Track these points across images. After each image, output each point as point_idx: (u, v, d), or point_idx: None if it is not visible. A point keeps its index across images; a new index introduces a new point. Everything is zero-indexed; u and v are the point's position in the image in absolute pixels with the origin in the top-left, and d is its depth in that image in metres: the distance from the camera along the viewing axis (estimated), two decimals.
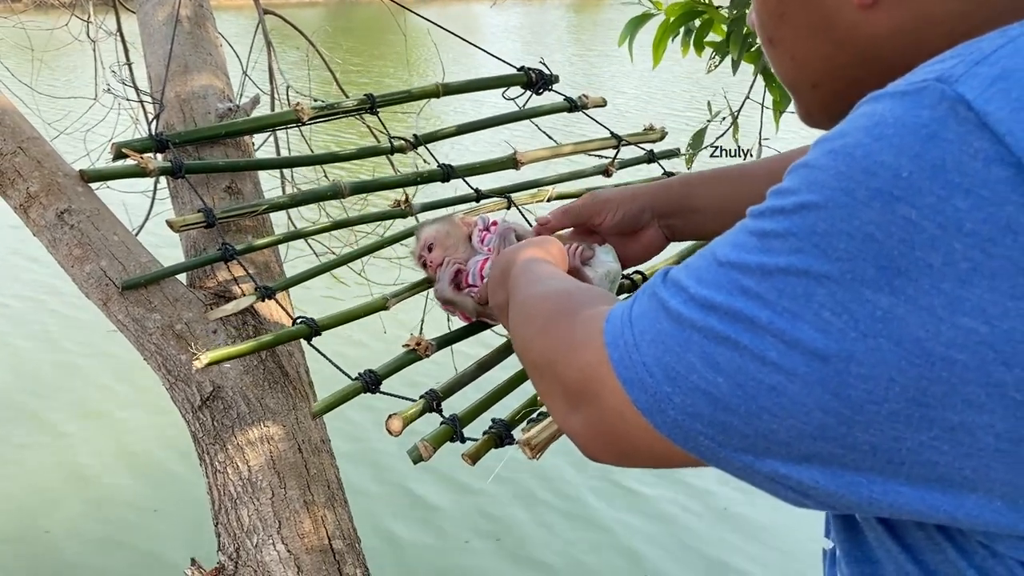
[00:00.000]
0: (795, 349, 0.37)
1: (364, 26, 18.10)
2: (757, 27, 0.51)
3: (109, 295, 1.14)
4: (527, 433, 0.82)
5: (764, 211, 0.40)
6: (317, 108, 1.38)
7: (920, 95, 0.35)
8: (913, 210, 0.34)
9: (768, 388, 0.38)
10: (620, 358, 0.44)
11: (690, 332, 0.40)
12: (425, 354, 1.02)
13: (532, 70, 1.52)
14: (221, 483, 1.09)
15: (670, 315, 0.42)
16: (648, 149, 1.53)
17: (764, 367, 0.38)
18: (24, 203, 1.18)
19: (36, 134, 1.23)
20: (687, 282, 0.42)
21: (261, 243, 1.26)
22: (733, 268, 0.40)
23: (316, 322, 1.05)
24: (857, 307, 0.35)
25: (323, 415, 0.99)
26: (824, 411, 0.37)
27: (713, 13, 2.05)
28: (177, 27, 1.49)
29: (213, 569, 1.07)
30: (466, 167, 1.38)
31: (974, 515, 0.36)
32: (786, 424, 0.38)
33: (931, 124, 0.34)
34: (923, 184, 0.34)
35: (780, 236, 0.38)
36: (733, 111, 2.32)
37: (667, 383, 0.41)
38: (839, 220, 0.36)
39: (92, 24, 3.30)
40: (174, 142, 1.28)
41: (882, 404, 0.36)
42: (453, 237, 1.09)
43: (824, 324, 0.36)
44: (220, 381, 1.13)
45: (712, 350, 0.39)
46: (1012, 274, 0.33)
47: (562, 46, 15.69)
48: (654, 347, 0.42)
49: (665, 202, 0.93)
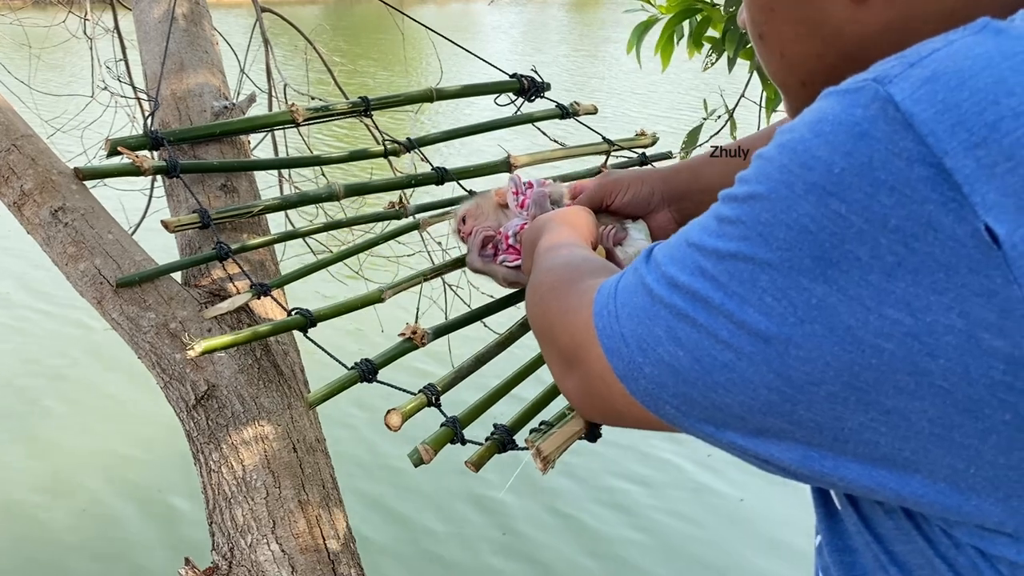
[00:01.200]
0: (742, 329, 0.39)
1: (362, 24, 18.08)
2: (748, 23, 0.51)
3: (103, 293, 1.14)
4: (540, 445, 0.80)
5: (725, 197, 0.42)
6: (312, 109, 1.38)
7: (857, 94, 0.37)
8: (843, 204, 0.35)
9: (721, 365, 0.40)
10: (603, 327, 0.48)
11: (659, 307, 0.43)
12: (421, 343, 1.02)
13: (525, 77, 1.54)
14: (215, 482, 1.09)
15: (646, 290, 0.45)
16: (640, 153, 1.55)
17: (717, 344, 0.40)
18: (18, 201, 1.18)
19: (30, 131, 1.23)
20: (661, 259, 0.45)
21: (256, 242, 1.26)
22: (696, 250, 0.42)
23: (312, 313, 1.05)
24: (795, 294, 0.37)
25: (318, 405, 0.98)
26: (769, 389, 0.39)
27: (710, 10, 2.05)
28: (173, 24, 1.49)
29: (207, 569, 1.07)
30: (460, 170, 1.39)
31: (919, 495, 0.38)
32: (738, 399, 0.40)
33: (863, 123, 0.36)
34: (852, 180, 0.35)
35: (732, 223, 0.40)
36: (729, 109, 2.32)
37: (639, 353, 0.45)
38: (779, 211, 0.37)
39: (89, 21, 3.29)
40: (169, 140, 1.28)
41: (820, 386, 0.37)
42: (483, 208, 1.10)
43: (767, 308, 0.38)
44: (215, 380, 1.13)
45: (675, 325, 0.42)
46: (933, 269, 0.34)
47: (561, 46, 15.69)
48: (631, 320, 0.46)
49: (674, 187, 0.95)
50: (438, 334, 1.06)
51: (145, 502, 3.42)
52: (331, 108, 1.43)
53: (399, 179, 1.44)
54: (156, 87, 1.42)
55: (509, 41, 16.14)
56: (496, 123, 1.53)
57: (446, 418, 0.91)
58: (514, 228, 1.04)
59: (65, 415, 4.00)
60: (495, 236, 1.05)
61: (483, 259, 1.05)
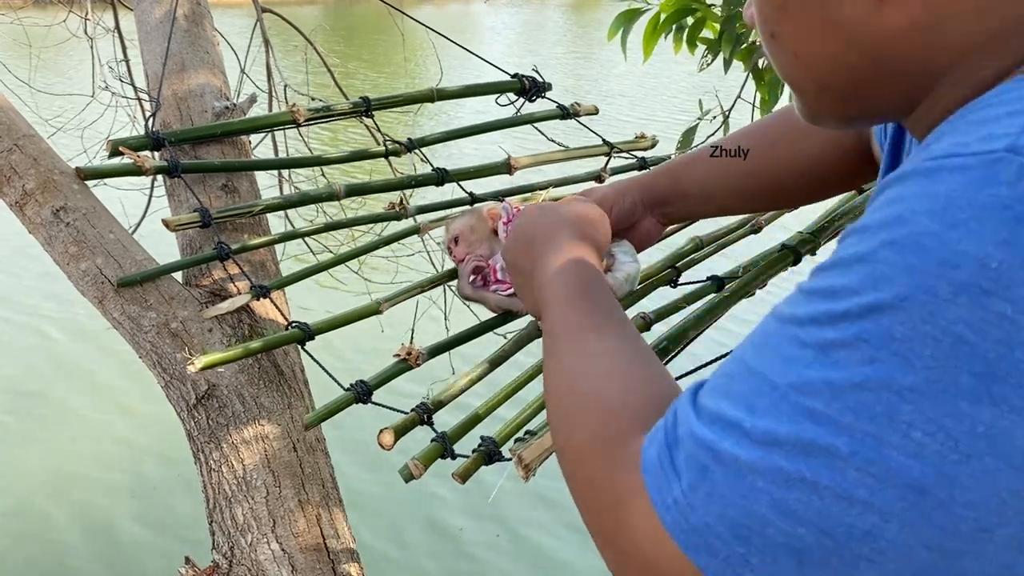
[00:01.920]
0: (886, 482, 0.31)
1: (362, 24, 18.09)
2: (757, 20, 0.46)
3: (104, 293, 1.14)
4: (520, 453, 0.81)
5: (817, 316, 0.35)
6: (313, 110, 1.39)
7: (993, 169, 0.31)
8: (1008, 304, 0.30)
9: (863, 534, 0.32)
10: (676, 522, 0.37)
11: (753, 478, 0.34)
12: (416, 363, 1.03)
13: (526, 77, 1.54)
14: (216, 481, 1.10)
15: (723, 460, 0.35)
16: (639, 156, 1.56)
17: (853, 508, 0.32)
18: (20, 200, 1.18)
19: (32, 131, 1.23)
20: (735, 413, 0.36)
21: (256, 243, 1.26)
22: (793, 389, 0.34)
23: (310, 327, 1.06)
24: (953, 423, 0.30)
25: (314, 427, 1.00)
26: (930, 549, 0.32)
27: (706, 11, 2.06)
28: (174, 25, 1.49)
29: (207, 568, 1.07)
30: (460, 171, 1.40)
31: None
32: (887, 569, 0.32)
33: (1015, 204, 0.30)
34: (1017, 274, 0.30)
35: (848, 345, 0.33)
36: (724, 110, 2.33)
37: (739, 543, 0.35)
38: (920, 322, 0.31)
39: (90, 21, 3.29)
40: (170, 140, 1.28)
41: (995, 530, 0.31)
42: (477, 232, 1.11)
43: (917, 447, 0.31)
44: (215, 380, 1.13)
45: (786, 496, 0.33)
46: None
47: (559, 45, 15.70)
48: (713, 502, 0.35)
49: (654, 193, 0.93)
50: (433, 354, 1.07)
51: (144, 501, 3.42)
52: (332, 108, 1.44)
53: (399, 180, 1.44)
54: (157, 87, 1.43)
55: (505, 43, 16.16)
56: (497, 124, 1.53)
57: (436, 434, 0.92)
58: (502, 262, 1.05)
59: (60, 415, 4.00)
60: (484, 268, 1.07)
61: (474, 287, 1.07)
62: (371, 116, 1.47)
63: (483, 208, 1.16)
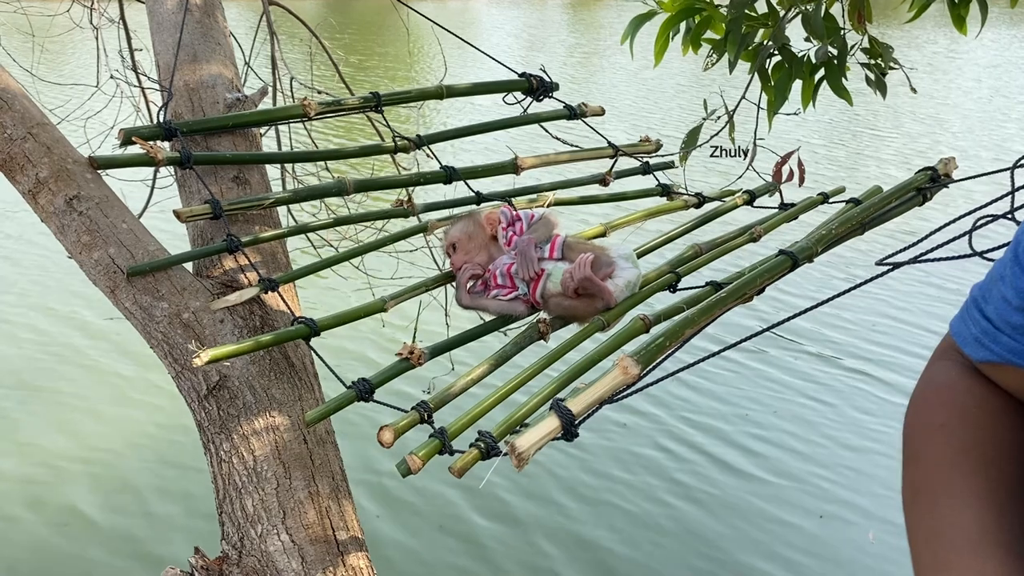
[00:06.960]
0: None
1: (367, 18, 18.06)
2: None
3: (117, 282, 1.14)
4: (515, 441, 0.83)
5: None
6: (324, 104, 1.40)
7: None
8: None
9: None
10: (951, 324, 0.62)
11: None
12: (418, 363, 1.04)
13: (534, 77, 1.55)
14: (226, 472, 1.10)
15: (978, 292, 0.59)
16: (644, 160, 1.58)
17: None
18: (33, 189, 1.18)
19: (46, 120, 1.23)
20: None
21: (266, 236, 1.26)
22: None
23: (316, 323, 1.07)
24: None
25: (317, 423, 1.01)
26: None
27: (712, 11, 2.06)
28: (187, 16, 1.49)
29: (217, 558, 1.07)
30: (468, 170, 1.41)
31: None
32: None
33: None
34: None
35: None
36: (729, 110, 2.33)
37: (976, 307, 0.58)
38: None
39: (95, 11, 3.28)
40: (182, 131, 1.29)
41: None
42: (475, 240, 1.13)
43: None
44: (226, 371, 1.13)
45: None
46: None
47: (559, 45, 15.69)
48: None
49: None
50: (435, 353, 1.08)
51: (156, 491, 3.42)
52: (343, 103, 1.45)
53: (408, 176, 1.45)
54: (169, 78, 1.43)
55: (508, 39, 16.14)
56: (505, 122, 1.54)
57: (434, 430, 0.92)
58: (502, 268, 1.08)
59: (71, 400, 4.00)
60: (483, 274, 1.10)
61: (472, 296, 1.10)
62: (380, 111, 1.48)
63: (480, 214, 1.18)
